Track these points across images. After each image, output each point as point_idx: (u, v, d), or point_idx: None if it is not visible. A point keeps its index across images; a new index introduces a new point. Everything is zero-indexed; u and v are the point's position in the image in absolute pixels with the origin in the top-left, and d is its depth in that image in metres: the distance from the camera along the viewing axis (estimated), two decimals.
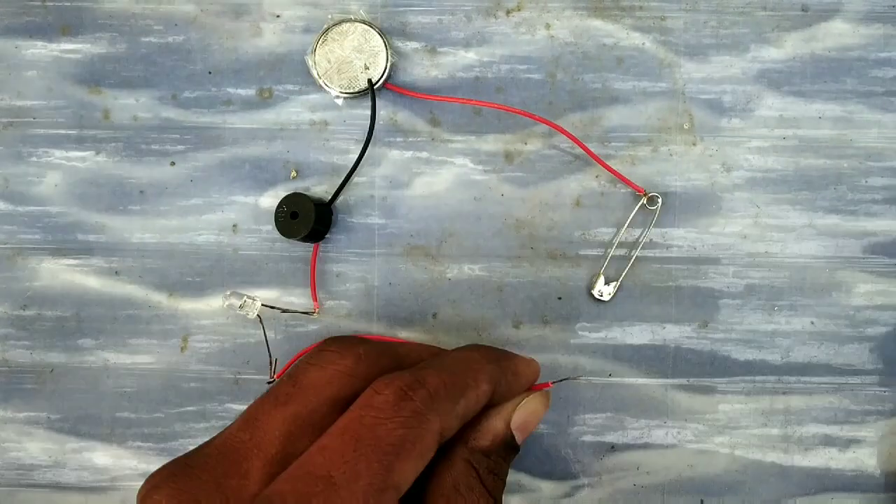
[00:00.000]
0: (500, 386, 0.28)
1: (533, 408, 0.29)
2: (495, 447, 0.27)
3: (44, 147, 0.40)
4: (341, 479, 0.21)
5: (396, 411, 0.23)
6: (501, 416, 0.28)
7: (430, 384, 0.24)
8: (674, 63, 0.39)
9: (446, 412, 0.24)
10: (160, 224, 0.40)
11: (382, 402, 0.23)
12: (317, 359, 0.26)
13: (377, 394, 0.24)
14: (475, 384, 0.26)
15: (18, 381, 0.40)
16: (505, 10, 0.39)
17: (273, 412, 0.25)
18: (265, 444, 0.24)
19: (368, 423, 0.23)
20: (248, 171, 0.40)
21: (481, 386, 0.26)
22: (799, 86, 0.39)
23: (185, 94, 0.40)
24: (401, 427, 0.23)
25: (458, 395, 0.25)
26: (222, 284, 0.40)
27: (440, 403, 0.24)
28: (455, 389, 0.25)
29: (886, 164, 0.39)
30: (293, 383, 0.26)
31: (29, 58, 0.40)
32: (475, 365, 0.27)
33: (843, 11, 0.39)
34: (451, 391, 0.25)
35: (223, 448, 0.24)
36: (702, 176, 0.39)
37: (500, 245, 0.39)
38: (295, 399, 0.25)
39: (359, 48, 0.39)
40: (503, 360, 0.29)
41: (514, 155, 0.39)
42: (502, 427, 0.28)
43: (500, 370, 0.28)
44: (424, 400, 0.24)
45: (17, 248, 0.40)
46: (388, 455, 0.22)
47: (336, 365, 0.26)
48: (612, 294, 0.38)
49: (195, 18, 0.40)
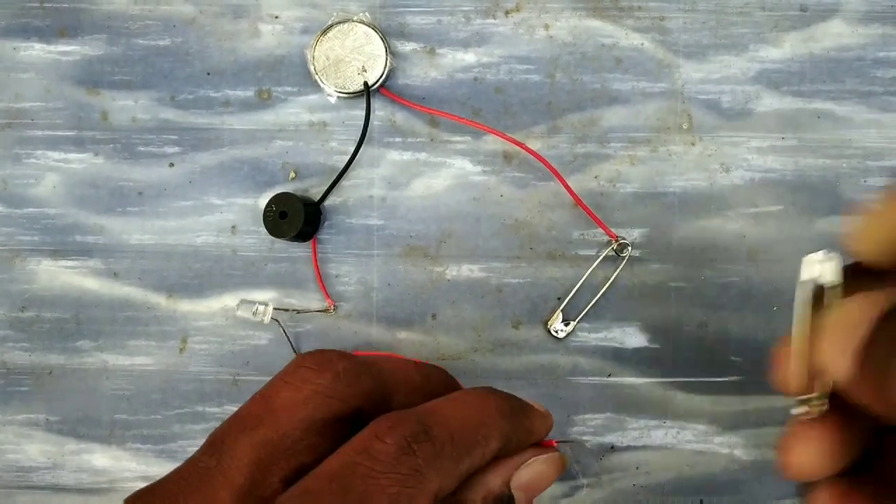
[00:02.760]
0: (510, 444, 0.25)
1: (543, 470, 0.26)
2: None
3: (42, 148, 0.40)
4: None
5: (395, 466, 0.21)
6: (499, 472, 0.25)
7: (438, 437, 0.22)
8: (673, 63, 0.39)
9: (448, 472, 0.22)
10: (159, 225, 0.40)
11: (383, 453, 0.21)
12: (291, 377, 0.24)
13: (378, 440, 0.21)
14: (485, 442, 0.23)
15: (17, 383, 0.40)
16: (504, 10, 0.39)
17: (241, 437, 0.22)
18: (232, 472, 0.22)
19: (361, 473, 0.21)
20: (247, 172, 0.40)
21: (490, 444, 0.24)
22: (798, 86, 0.39)
23: (184, 96, 0.40)
24: (396, 484, 0.21)
25: (465, 453, 0.23)
26: (221, 286, 0.40)
27: (443, 462, 0.22)
28: (462, 447, 0.23)
29: (885, 164, 0.39)
30: (264, 403, 0.24)
31: (27, 59, 0.40)
32: (488, 420, 0.24)
33: (841, 11, 0.39)
34: (458, 448, 0.22)
35: (187, 475, 0.22)
36: (701, 176, 0.39)
37: (499, 245, 0.39)
38: (265, 422, 0.23)
39: (358, 49, 0.39)
40: (518, 416, 0.26)
41: (513, 156, 0.39)
42: (498, 485, 0.25)
43: (513, 427, 0.25)
44: (428, 457, 0.22)
45: (15, 250, 0.40)
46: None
47: (312, 384, 0.24)
48: (567, 332, 0.38)
49: (193, 20, 0.40)
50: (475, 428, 0.23)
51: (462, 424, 0.23)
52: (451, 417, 0.23)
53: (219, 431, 0.23)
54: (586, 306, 0.39)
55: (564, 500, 0.39)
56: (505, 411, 0.25)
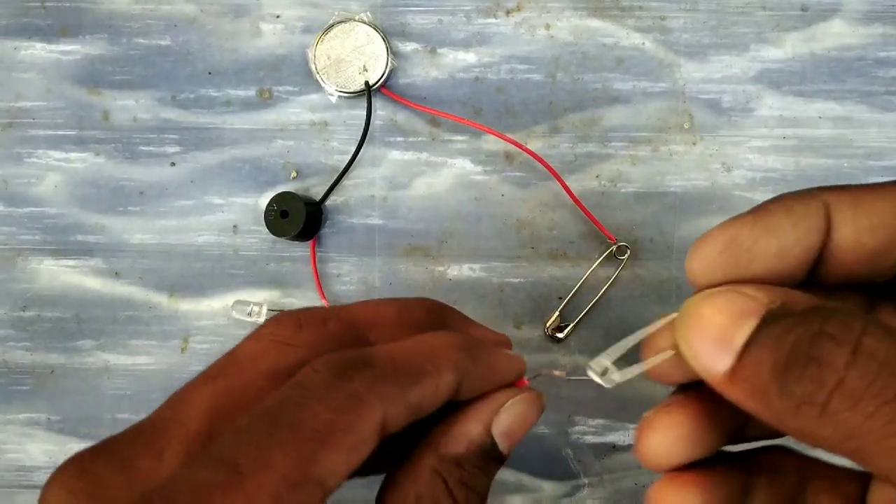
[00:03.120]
0: (470, 379, 0.23)
1: (521, 411, 0.24)
2: (470, 455, 0.23)
3: (43, 148, 0.40)
4: (249, 467, 0.18)
5: (328, 393, 0.19)
6: (479, 418, 0.24)
7: (378, 363, 0.21)
8: (674, 63, 0.39)
9: (392, 398, 0.20)
10: (160, 225, 0.40)
11: (315, 381, 0.20)
12: (255, 333, 0.23)
13: (313, 371, 0.20)
14: (435, 371, 0.22)
15: (18, 383, 0.40)
16: (505, 10, 0.39)
17: (201, 387, 0.21)
18: (187, 419, 0.21)
19: (293, 403, 0.19)
20: (248, 171, 0.40)
21: (443, 375, 0.22)
22: (799, 85, 0.39)
23: (185, 95, 0.40)
24: (330, 411, 0.19)
25: (412, 380, 0.21)
26: (223, 285, 0.40)
27: (386, 387, 0.20)
28: (407, 373, 0.21)
29: (886, 164, 0.39)
30: (228, 357, 0.23)
31: (28, 59, 0.40)
32: (438, 351, 0.23)
33: (842, 11, 0.39)
34: (402, 375, 0.21)
35: (141, 427, 0.21)
36: (702, 175, 0.39)
37: (500, 245, 0.39)
38: (227, 373, 0.22)
39: (359, 49, 0.39)
40: (476, 350, 0.24)
41: (515, 155, 0.39)
42: (479, 432, 0.23)
43: (470, 360, 0.23)
44: (366, 381, 0.20)
45: (16, 250, 0.40)
46: (310, 443, 0.19)
47: (274, 335, 0.23)
48: (565, 334, 0.38)
49: (195, 19, 0.40)
50: (423, 357, 0.22)
51: (408, 354, 0.22)
52: (397, 349, 0.22)
53: (182, 387, 0.22)
54: (587, 306, 0.39)
55: (566, 500, 0.39)
56: (459, 344, 0.23)
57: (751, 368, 0.18)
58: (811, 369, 0.17)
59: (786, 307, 0.18)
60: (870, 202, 0.21)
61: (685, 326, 0.20)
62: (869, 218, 0.21)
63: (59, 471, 0.20)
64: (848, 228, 0.21)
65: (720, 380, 0.19)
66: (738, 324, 0.19)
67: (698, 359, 0.19)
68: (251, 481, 0.17)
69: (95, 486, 0.19)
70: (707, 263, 0.21)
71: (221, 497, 0.17)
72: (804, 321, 0.18)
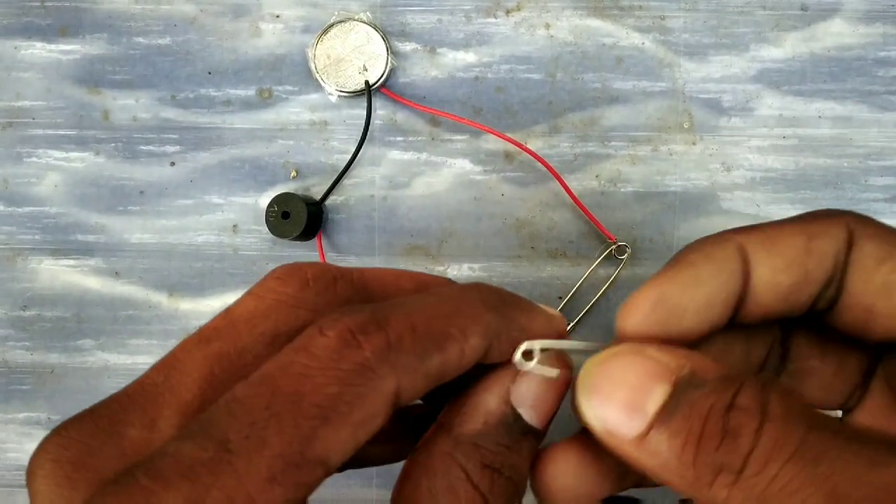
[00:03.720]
0: (500, 343, 0.20)
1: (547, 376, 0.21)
2: (490, 431, 0.20)
3: (43, 147, 0.40)
4: (240, 445, 0.16)
5: (335, 361, 0.17)
6: (494, 389, 0.20)
7: (394, 327, 0.18)
8: (673, 63, 0.39)
9: (408, 368, 0.18)
10: (160, 224, 0.40)
11: (322, 348, 0.18)
12: (257, 288, 0.21)
13: (320, 335, 0.18)
14: (461, 335, 0.19)
15: (18, 382, 0.40)
16: (504, 10, 0.39)
17: (195, 350, 0.19)
18: (180, 387, 0.19)
19: (295, 373, 0.17)
20: (248, 171, 0.40)
21: (470, 339, 0.19)
22: (799, 85, 0.39)
23: (185, 95, 0.40)
24: (336, 383, 0.17)
25: (433, 347, 0.18)
26: (222, 285, 0.40)
27: (401, 356, 0.18)
28: (428, 339, 0.18)
29: (886, 163, 0.39)
30: (225, 316, 0.20)
31: (28, 58, 0.40)
32: (466, 309, 0.20)
33: (842, 11, 0.39)
34: (423, 341, 0.18)
35: (132, 392, 0.19)
36: (702, 175, 0.39)
37: (500, 245, 0.39)
38: (223, 335, 0.20)
39: (359, 48, 0.39)
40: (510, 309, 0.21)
41: (514, 155, 0.39)
42: (496, 404, 0.20)
43: (501, 322, 0.20)
44: (378, 350, 0.18)
45: (16, 249, 0.40)
46: (311, 419, 0.17)
47: (275, 294, 0.20)
48: None
49: (194, 19, 0.40)
50: (447, 318, 0.19)
51: (430, 315, 0.19)
52: (418, 308, 0.19)
53: (174, 348, 0.20)
54: (587, 305, 0.39)
55: None
56: (491, 303, 0.20)
57: (664, 437, 0.18)
58: (728, 440, 0.17)
59: (696, 376, 0.18)
60: (782, 241, 0.21)
61: (589, 388, 0.19)
62: (783, 257, 0.21)
63: (46, 440, 0.18)
64: (764, 268, 0.21)
65: (626, 444, 0.18)
66: (647, 389, 0.18)
67: (603, 422, 0.19)
68: (242, 460, 0.16)
69: (84, 454, 0.18)
70: (639, 324, 0.20)
71: (209, 476, 0.16)
72: (716, 392, 0.18)
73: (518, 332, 0.21)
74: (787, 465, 0.16)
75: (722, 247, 0.21)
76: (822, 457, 0.16)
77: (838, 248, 0.21)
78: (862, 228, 0.21)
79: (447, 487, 0.19)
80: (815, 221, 0.21)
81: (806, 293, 0.21)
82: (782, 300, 0.21)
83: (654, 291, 0.20)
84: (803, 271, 0.21)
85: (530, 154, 0.38)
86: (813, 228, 0.21)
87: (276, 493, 0.16)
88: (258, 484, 0.16)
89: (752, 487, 0.17)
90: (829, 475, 0.16)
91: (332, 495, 0.40)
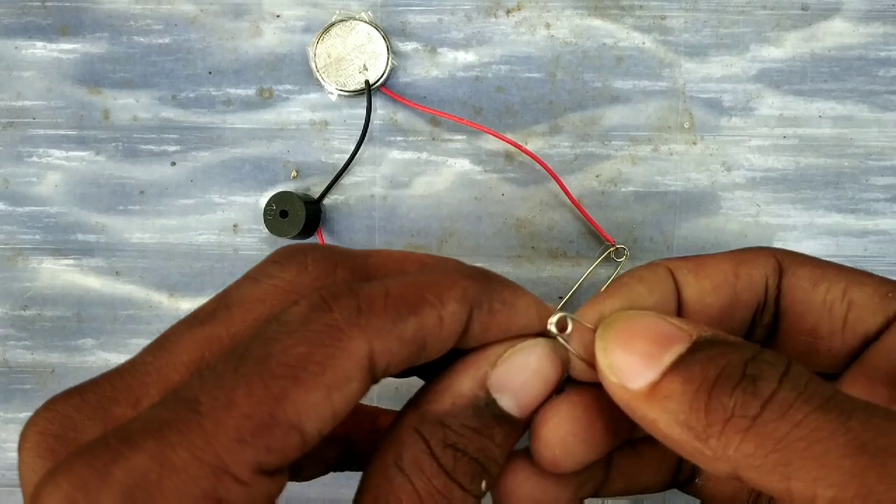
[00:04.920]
0: (483, 317, 0.19)
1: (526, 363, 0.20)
2: (457, 413, 0.19)
3: (44, 147, 0.40)
4: (209, 405, 0.16)
5: (304, 325, 0.17)
6: (469, 370, 0.20)
7: (365, 295, 0.18)
8: (674, 62, 0.39)
9: (381, 332, 0.17)
10: (160, 224, 0.40)
11: (292, 314, 0.18)
12: (255, 271, 0.21)
13: (293, 305, 0.18)
14: (438, 301, 0.18)
15: (19, 382, 0.40)
16: (505, 9, 0.39)
17: (187, 333, 0.19)
18: (168, 368, 0.19)
19: (265, 338, 0.17)
20: (249, 171, 0.40)
21: (447, 305, 0.19)
22: (799, 85, 0.39)
23: (185, 94, 0.40)
24: (304, 343, 0.17)
25: (407, 311, 0.18)
26: (223, 284, 0.39)
27: (372, 319, 0.17)
28: (402, 303, 0.18)
29: (887, 163, 0.39)
30: (220, 299, 0.20)
31: (28, 58, 0.40)
32: (444, 277, 0.19)
33: (843, 10, 0.39)
34: (395, 305, 0.18)
35: (123, 371, 0.19)
36: (702, 175, 0.39)
37: (500, 244, 0.39)
38: (216, 319, 0.20)
39: (360, 48, 0.39)
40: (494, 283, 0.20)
41: (515, 155, 0.39)
42: (468, 386, 0.19)
43: (481, 291, 0.19)
44: (347, 312, 0.17)
45: (17, 249, 0.40)
46: (280, 379, 0.16)
47: (273, 279, 0.20)
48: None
49: (195, 18, 0.40)
50: (423, 286, 0.19)
51: (405, 283, 0.19)
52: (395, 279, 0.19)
53: (168, 329, 0.20)
54: None
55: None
56: (469, 272, 0.20)
57: (677, 385, 0.18)
58: (745, 383, 0.17)
59: (718, 336, 0.19)
60: (709, 266, 0.22)
61: (608, 337, 0.19)
62: (710, 279, 0.22)
63: (36, 413, 0.19)
64: (692, 290, 0.22)
65: (635, 395, 0.18)
66: (666, 344, 0.18)
67: (616, 371, 0.19)
68: (209, 421, 0.16)
69: (67, 429, 0.18)
70: None
71: (177, 436, 0.16)
72: (739, 348, 0.18)
73: (500, 305, 0.20)
74: (813, 413, 0.16)
75: (652, 270, 0.22)
76: (854, 411, 0.16)
77: (767, 273, 0.22)
78: (791, 258, 0.22)
79: (412, 460, 0.18)
80: (744, 253, 0.22)
81: (739, 316, 0.22)
82: (716, 321, 0.22)
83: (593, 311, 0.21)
84: (732, 293, 0.22)
85: (529, 155, 0.38)
86: (741, 257, 0.22)
87: (245, 454, 0.16)
88: (226, 444, 0.16)
89: (771, 433, 0.16)
90: (863, 429, 0.15)
91: (332, 495, 0.40)
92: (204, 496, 0.15)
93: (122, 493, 0.15)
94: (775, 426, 0.16)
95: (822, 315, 0.21)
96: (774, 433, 0.16)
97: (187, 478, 0.15)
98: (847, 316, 0.21)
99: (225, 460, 0.16)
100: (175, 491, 0.15)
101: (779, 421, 0.16)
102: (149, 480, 0.15)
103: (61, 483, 0.16)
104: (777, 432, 0.16)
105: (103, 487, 0.15)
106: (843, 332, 0.21)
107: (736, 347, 0.18)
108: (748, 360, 0.17)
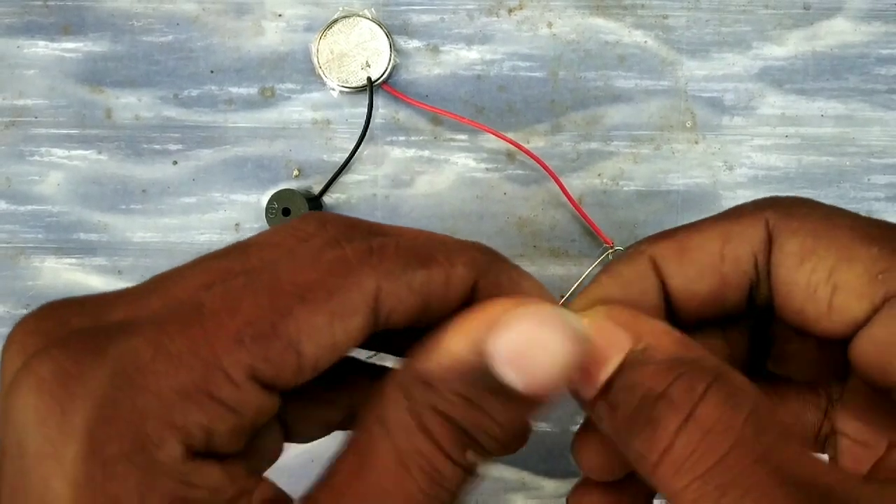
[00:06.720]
0: (487, 284, 0.19)
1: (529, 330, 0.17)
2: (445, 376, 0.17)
3: (46, 146, 0.40)
4: (213, 307, 0.16)
5: (315, 256, 0.17)
6: (463, 330, 0.17)
7: (378, 243, 0.18)
8: (676, 61, 0.39)
9: (390, 275, 0.17)
10: (162, 223, 0.40)
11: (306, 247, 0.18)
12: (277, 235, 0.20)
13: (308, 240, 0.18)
14: (446, 261, 0.18)
15: None
16: (507, 8, 0.39)
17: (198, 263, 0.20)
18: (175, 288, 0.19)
19: (270, 258, 0.18)
20: (251, 170, 0.40)
21: (455, 266, 0.18)
22: (801, 84, 0.39)
23: (187, 93, 0.40)
24: (315, 271, 0.17)
25: (416, 262, 0.18)
26: None
27: (383, 262, 0.18)
28: (411, 255, 0.18)
29: (889, 162, 0.39)
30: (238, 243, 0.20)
31: (31, 57, 0.40)
32: (455, 243, 0.19)
33: (844, 9, 0.39)
34: (406, 255, 0.18)
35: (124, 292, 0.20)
36: (704, 174, 0.39)
37: (502, 244, 0.39)
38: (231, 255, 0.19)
39: (362, 44, 0.39)
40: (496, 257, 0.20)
41: (516, 153, 0.39)
42: (462, 347, 0.17)
43: (489, 264, 0.20)
44: (360, 252, 0.18)
45: (19, 248, 0.40)
46: (286, 296, 0.16)
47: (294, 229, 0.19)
48: None
49: (197, 17, 0.40)
50: (434, 245, 0.19)
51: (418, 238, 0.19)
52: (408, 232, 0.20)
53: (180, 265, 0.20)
54: None
55: None
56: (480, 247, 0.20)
57: (604, 409, 0.18)
58: (648, 430, 0.17)
59: (647, 353, 0.18)
60: (693, 248, 0.21)
61: None
62: (695, 266, 0.21)
63: (28, 314, 0.19)
64: (677, 280, 0.21)
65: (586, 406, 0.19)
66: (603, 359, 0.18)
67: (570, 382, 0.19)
68: (211, 321, 0.16)
69: (56, 325, 0.18)
70: None
71: (176, 328, 0.16)
72: (657, 375, 0.17)
73: (507, 281, 0.20)
74: (697, 481, 0.16)
75: (631, 263, 0.22)
76: (730, 487, 0.16)
77: (755, 250, 0.20)
78: (784, 223, 0.20)
79: (395, 418, 0.17)
80: (733, 221, 0.21)
81: (732, 297, 0.21)
82: (708, 305, 0.21)
83: None
84: (718, 277, 0.21)
85: (530, 155, 0.38)
86: (729, 231, 0.21)
87: (241, 356, 0.16)
88: (224, 342, 0.16)
89: (667, 486, 0.17)
90: None
91: None
92: (195, 386, 0.15)
93: (114, 369, 0.15)
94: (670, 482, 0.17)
95: (807, 298, 0.19)
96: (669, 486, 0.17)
97: (180, 365, 0.15)
98: (832, 300, 0.19)
99: (220, 358, 0.16)
100: (167, 375, 0.15)
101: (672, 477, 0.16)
102: (142, 360, 0.15)
103: (54, 354, 0.16)
104: (671, 487, 0.17)
105: (96, 361, 0.15)
106: (829, 317, 0.19)
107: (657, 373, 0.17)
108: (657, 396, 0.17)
